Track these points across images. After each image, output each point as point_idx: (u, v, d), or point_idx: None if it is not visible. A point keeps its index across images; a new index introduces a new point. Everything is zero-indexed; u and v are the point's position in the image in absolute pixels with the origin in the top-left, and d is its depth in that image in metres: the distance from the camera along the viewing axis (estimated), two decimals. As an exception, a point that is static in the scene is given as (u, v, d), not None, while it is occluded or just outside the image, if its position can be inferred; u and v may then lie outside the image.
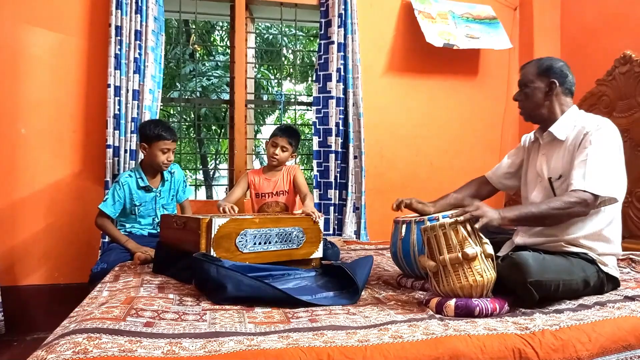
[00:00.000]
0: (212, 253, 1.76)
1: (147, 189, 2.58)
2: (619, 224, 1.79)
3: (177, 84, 8.98)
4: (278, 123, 9.40)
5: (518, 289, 1.50)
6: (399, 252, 1.87)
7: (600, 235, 1.72)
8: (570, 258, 1.66)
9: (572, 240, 1.72)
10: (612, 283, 1.74)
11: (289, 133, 2.69)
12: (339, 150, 3.34)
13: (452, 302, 1.43)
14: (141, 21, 2.99)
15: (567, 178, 1.72)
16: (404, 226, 1.86)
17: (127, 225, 2.58)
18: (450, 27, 3.52)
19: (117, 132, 2.93)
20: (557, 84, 1.79)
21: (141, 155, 2.70)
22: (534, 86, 1.81)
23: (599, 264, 1.69)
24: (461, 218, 1.50)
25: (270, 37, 10.04)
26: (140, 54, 2.99)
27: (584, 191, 1.61)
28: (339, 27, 3.30)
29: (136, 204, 2.55)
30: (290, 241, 1.97)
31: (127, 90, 2.96)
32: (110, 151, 2.92)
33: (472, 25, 3.59)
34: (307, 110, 4.40)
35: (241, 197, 2.73)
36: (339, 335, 1.21)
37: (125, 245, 2.42)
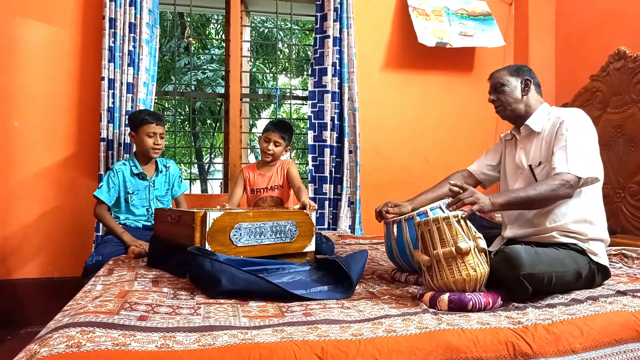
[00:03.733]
0: (207, 247, 1.76)
1: (141, 176, 2.59)
2: (601, 207, 1.84)
3: (172, 77, 8.93)
4: (273, 117, 9.38)
5: (511, 283, 1.51)
6: (395, 252, 1.88)
7: (585, 219, 1.76)
8: (561, 250, 1.69)
9: (559, 227, 1.76)
10: (603, 273, 1.76)
11: (281, 128, 2.68)
12: (334, 144, 3.34)
13: (445, 297, 1.43)
14: (135, 13, 2.97)
15: (547, 164, 1.79)
16: (395, 226, 1.87)
17: (122, 217, 2.58)
18: (444, 24, 3.52)
19: (111, 125, 2.92)
20: (531, 81, 1.90)
21: (135, 147, 2.70)
22: (510, 84, 1.91)
23: (590, 254, 1.72)
24: (456, 213, 1.51)
25: (266, 30, 10.01)
26: (134, 47, 2.97)
27: (568, 173, 1.68)
28: (334, 21, 3.29)
29: (129, 191, 2.56)
30: (283, 235, 1.98)
31: (121, 83, 2.94)
32: (104, 144, 2.90)
33: (466, 22, 3.60)
34: (303, 104, 4.39)
35: (243, 195, 2.74)
36: (333, 329, 1.22)
37: (121, 237, 2.42)
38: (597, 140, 1.82)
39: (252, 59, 9.24)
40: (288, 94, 3.82)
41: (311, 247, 2.07)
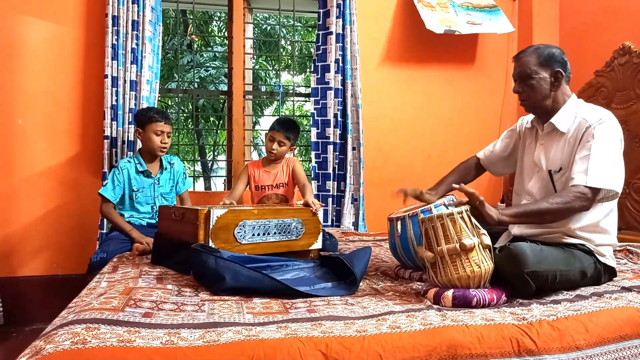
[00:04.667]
0: (211, 244, 1.76)
1: (145, 174, 2.59)
2: (615, 216, 1.79)
3: (175, 74, 8.92)
4: (276, 114, 9.38)
5: (515, 280, 1.51)
6: (399, 249, 1.87)
7: (598, 227, 1.72)
8: (567, 249, 1.67)
9: (569, 232, 1.72)
10: (609, 273, 1.75)
11: (286, 127, 2.65)
12: (337, 141, 3.33)
13: (449, 293, 1.43)
14: (138, 11, 2.96)
15: (568, 171, 1.71)
16: (399, 223, 1.86)
17: (126, 215, 2.58)
18: (450, 14, 3.50)
19: (114, 123, 2.92)
20: (563, 73, 1.75)
21: (139, 145, 2.71)
22: (539, 77, 1.74)
23: (597, 255, 1.70)
24: (460, 209, 1.51)
25: (268, 27, 10.00)
26: (137, 45, 2.97)
27: (585, 186, 1.60)
28: (337, 17, 3.28)
29: (134, 189, 2.56)
30: (289, 232, 1.97)
31: (125, 81, 2.94)
32: (107, 142, 2.91)
33: (473, 13, 3.57)
34: (306, 101, 4.39)
35: (245, 190, 2.74)
36: (337, 326, 1.22)
37: (130, 234, 2.43)
38: (622, 149, 1.72)
39: (255, 56, 9.24)
40: (291, 91, 3.82)
41: (317, 244, 2.07)
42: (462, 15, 3.52)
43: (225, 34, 3.80)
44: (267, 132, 2.73)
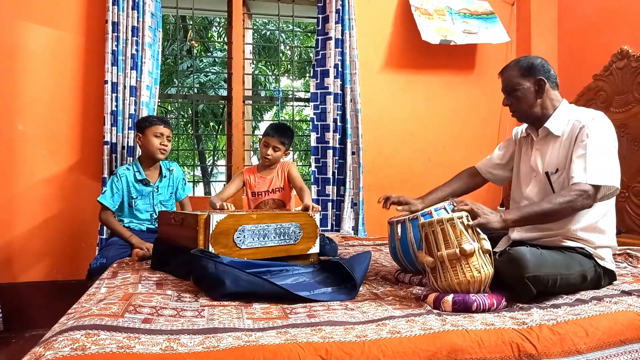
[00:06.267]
0: (210, 249, 1.76)
1: (144, 182, 2.59)
2: (613, 216, 1.80)
3: (175, 80, 8.96)
4: (276, 119, 9.40)
5: (515, 284, 1.50)
6: (399, 252, 1.88)
7: (596, 228, 1.73)
8: (567, 253, 1.67)
9: (568, 233, 1.72)
10: (609, 276, 1.75)
11: (280, 133, 2.65)
12: (337, 146, 3.34)
13: (449, 298, 1.43)
14: (138, 17, 2.98)
15: (564, 171, 1.73)
16: (399, 226, 1.87)
17: (125, 221, 2.58)
18: (447, 23, 3.52)
19: (114, 128, 2.92)
20: (546, 80, 1.79)
21: (139, 152, 2.71)
22: (523, 88, 1.80)
23: (596, 258, 1.70)
24: (460, 214, 1.51)
25: (268, 33, 10.02)
26: (137, 50, 2.98)
27: (586, 183, 1.61)
28: (336, 22, 3.29)
29: (133, 196, 2.56)
30: (287, 237, 1.97)
31: (124, 87, 2.95)
32: (107, 148, 2.91)
33: (470, 21, 3.60)
34: (305, 106, 4.40)
35: (234, 194, 2.72)
36: (337, 331, 1.22)
37: (129, 240, 2.43)
38: (617, 147, 1.74)
39: (255, 61, 9.27)
40: (290, 96, 3.82)
41: (315, 248, 2.07)
42: (459, 24, 3.54)
43: (225, 39, 3.81)
44: (261, 137, 2.73)
